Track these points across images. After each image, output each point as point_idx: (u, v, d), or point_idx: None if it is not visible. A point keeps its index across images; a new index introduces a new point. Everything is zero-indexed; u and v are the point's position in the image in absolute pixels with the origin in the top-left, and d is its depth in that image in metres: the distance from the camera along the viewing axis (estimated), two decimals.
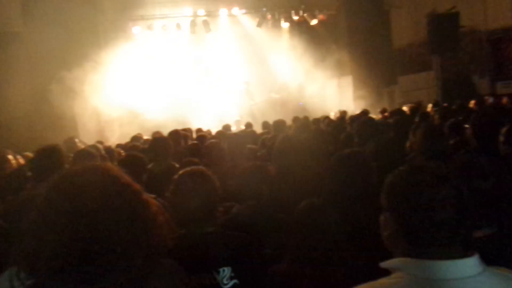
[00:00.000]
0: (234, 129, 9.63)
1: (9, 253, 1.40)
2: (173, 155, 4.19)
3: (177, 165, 3.59)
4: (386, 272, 1.16)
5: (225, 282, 1.83)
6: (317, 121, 7.50)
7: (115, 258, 1.08)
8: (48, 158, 3.09)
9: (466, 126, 3.72)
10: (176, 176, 2.01)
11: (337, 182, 2.09)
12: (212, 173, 2.07)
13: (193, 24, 13.64)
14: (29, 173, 3.40)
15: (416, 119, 6.00)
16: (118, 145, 6.98)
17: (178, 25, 13.42)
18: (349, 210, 1.83)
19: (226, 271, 1.85)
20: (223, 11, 13.88)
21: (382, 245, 1.26)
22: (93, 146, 5.61)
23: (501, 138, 3.21)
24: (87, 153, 3.72)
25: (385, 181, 1.26)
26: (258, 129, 8.17)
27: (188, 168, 2.08)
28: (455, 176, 1.20)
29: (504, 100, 8.02)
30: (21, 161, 4.59)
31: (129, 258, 1.10)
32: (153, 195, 1.63)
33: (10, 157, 4.71)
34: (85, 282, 1.06)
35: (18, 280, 1.12)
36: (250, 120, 11.32)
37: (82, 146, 5.82)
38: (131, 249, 1.10)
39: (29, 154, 4.96)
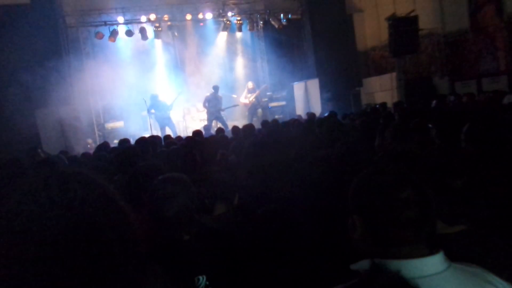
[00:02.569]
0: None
1: None
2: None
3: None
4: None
5: None
6: (286, 124, 7.56)
7: (102, 267, 1.04)
8: (8, 171, 2.97)
9: (430, 126, 3.84)
10: (154, 182, 1.97)
11: (311, 184, 2.10)
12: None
13: (158, 29, 13.48)
14: None
15: (381, 121, 6.15)
16: (84, 155, 6.79)
17: (142, 30, 13.21)
18: (321, 215, 1.85)
19: (201, 280, 1.83)
20: (188, 16, 13.80)
21: (350, 248, 1.28)
22: (57, 157, 5.43)
23: (462, 137, 3.34)
24: (52, 163, 3.59)
25: (352, 183, 1.28)
26: (228, 134, 8.16)
27: (167, 174, 2.04)
28: (422, 175, 1.24)
29: (464, 98, 8.35)
30: None
31: (111, 266, 1.06)
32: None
33: None
34: None
35: None
36: (219, 125, 11.30)
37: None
38: (116, 257, 1.07)
39: None
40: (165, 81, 13.65)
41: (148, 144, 5.19)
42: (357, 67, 15.14)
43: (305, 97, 14.73)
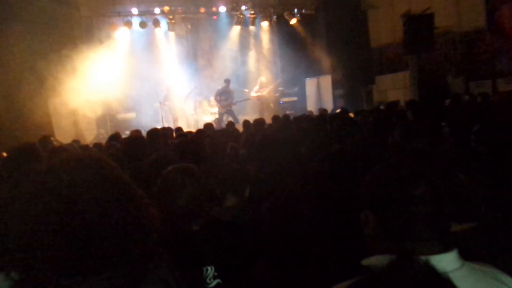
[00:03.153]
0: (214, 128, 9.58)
1: None
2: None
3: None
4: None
5: (208, 281, 1.81)
6: (297, 119, 7.54)
7: (110, 250, 1.06)
8: (24, 157, 3.00)
9: (443, 124, 3.80)
10: (164, 172, 1.98)
11: (322, 178, 2.10)
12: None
13: (172, 21, 13.50)
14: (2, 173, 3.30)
15: (394, 119, 6.09)
16: (96, 145, 6.85)
17: (156, 22, 13.24)
18: (333, 208, 1.84)
19: (209, 270, 1.83)
20: (202, 9, 13.80)
21: (360, 244, 1.27)
22: (70, 145, 5.49)
23: (473, 137, 3.31)
24: (64, 151, 3.62)
25: (364, 179, 1.27)
26: (238, 128, 8.17)
27: (176, 165, 2.05)
28: (433, 172, 1.23)
29: (478, 98, 8.23)
30: None
31: (125, 250, 1.09)
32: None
33: None
34: (92, 273, 1.05)
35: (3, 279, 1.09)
36: (230, 119, 11.31)
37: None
38: (126, 241, 1.10)
39: (3, 154, 4.82)
40: (178, 74, 13.68)
41: (159, 135, 5.22)
42: (371, 64, 14.99)
43: (317, 93, 14.65)
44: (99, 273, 1.06)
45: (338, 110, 9.46)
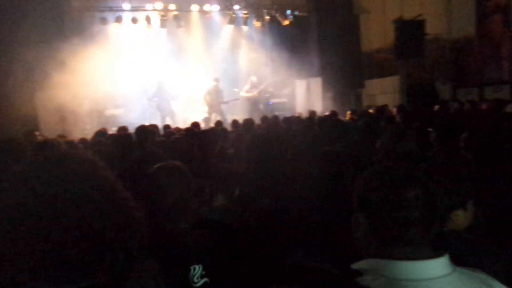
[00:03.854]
0: (203, 127, 9.53)
1: None
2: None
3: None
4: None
5: (195, 280, 1.78)
6: (287, 120, 7.54)
7: (88, 257, 1.01)
8: (5, 151, 2.92)
9: (430, 130, 3.82)
10: (151, 170, 1.95)
11: (316, 179, 2.08)
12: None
13: (163, 18, 13.41)
14: None
15: (382, 123, 6.13)
16: (81, 140, 6.75)
17: (148, 19, 13.13)
18: (322, 210, 1.83)
19: (197, 269, 1.80)
20: (194, 7, 13.72)
21: (349, 247, 1.25)
22: (55, 141, 5.39)
23: (461, 143, 3.34)
24: (50, 146, 3.55)
25: (356, 181, 1.26)
26: (226, 127, 8.12)
27: (163, 163, 2.02)
28: (425, 176, 1.22)
29: (466, 106, 8.33)
30: None
31: (105, 257, 1.04)
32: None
33: None
34: (68, 281, 0.99)
35: None
36: (219, 118, 11.26)
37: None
38: (106, 247, 1.04)
39: None
40: (168, 71, 13.58)
41: (147, 132, 5.16)
42: (361, 68, 15.09)
43: (307, 95, 14.68)
44: (74, 281, 1.00)
45: (327, 113, 9.49)
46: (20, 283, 0.97)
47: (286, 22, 14.51)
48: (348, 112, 8.39)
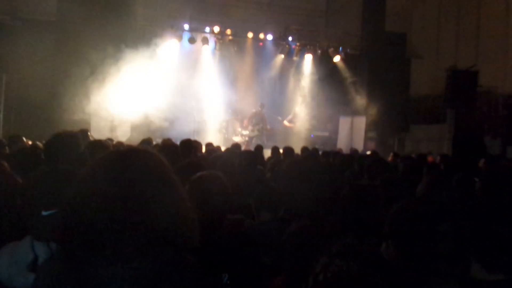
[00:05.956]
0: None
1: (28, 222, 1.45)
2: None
3: None
4: None
5: None
6: (326, 154, 7.54)
7: (150, 241, 1.07)
8: (65, 143, 3.14)
9: (476, 180, 3.75)
10: (193, 178, 2.05)
11: (347, 212, 2.11)
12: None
13: (219, 41, 13.94)
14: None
15: (425, 169, 6.01)
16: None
17: (204, 40, 13.70)
18: (355, 234, 1.86)
19: (223, 277, 1.87)
20: (249, 34, 14.19)
21: None
22: (105, 142, 5.68)
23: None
24: (102, 145, 3.78)
25: (391, 210, 1.31)
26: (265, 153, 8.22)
27: (205, 172, 2.12)
28: (459, 213, 1.25)
29: None
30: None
31: (163, 245, 1.10)
32: None
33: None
34: (118, 260, 1.06)
35: (43, 246, 1.14)
36: (259, 143, 11.41)
37: None
38: (167, 236, 1.10)
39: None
40: (217, 92, 13.99)
41: (191, 146, 5.35)
42: (407, 112, 14.90)
43: (349, 133, 14.60)
44: (127, 261, 1.06)
45: (368, 152, 9.41)
46: (80, 252, 1.07)
47: (337, 58, 14.66)
48: (391, 154, 8.28)
